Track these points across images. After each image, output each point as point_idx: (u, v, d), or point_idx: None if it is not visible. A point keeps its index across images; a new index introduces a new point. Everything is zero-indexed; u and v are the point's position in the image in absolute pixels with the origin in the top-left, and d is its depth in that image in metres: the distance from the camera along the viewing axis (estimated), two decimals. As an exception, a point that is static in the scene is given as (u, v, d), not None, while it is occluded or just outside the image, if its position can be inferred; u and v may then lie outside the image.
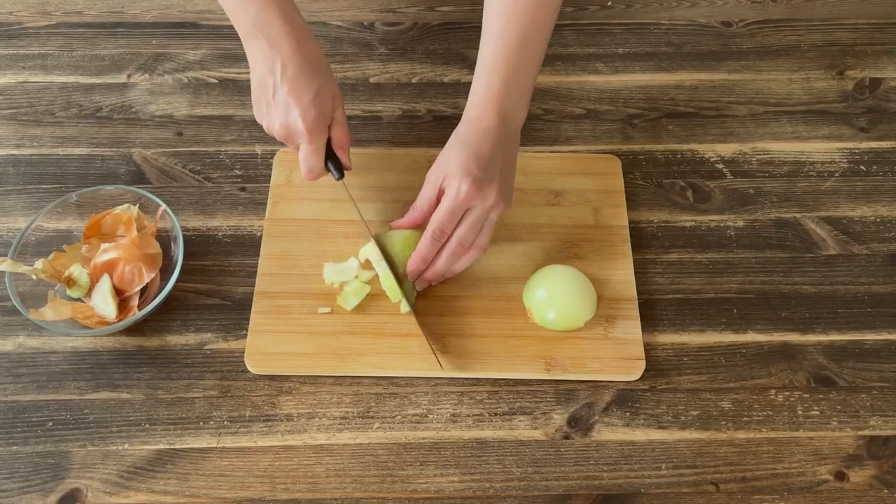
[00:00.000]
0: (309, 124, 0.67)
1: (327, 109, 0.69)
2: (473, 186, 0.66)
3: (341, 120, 0.72)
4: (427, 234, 0.68)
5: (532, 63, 0.71)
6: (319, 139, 0.69)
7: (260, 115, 0.71)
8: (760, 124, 0.88)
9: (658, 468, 0.67)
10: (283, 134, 0.69)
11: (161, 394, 0.70)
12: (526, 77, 0.70)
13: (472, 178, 0.66)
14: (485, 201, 0.67)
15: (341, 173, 0.73)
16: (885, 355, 0.73)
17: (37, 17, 0.96)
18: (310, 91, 0.67)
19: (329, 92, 0.69)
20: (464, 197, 0.66)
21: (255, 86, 0.70)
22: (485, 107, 0.69)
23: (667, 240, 0.79)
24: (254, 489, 0.65)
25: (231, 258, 0.77)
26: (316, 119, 0.68)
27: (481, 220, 0.68)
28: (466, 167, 0.66)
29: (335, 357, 0.70)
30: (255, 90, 0.70)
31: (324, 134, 0.70)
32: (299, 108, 0.67)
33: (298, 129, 0.68)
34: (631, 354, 0.71)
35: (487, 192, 0.67)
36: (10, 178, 0.82)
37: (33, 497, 0.65)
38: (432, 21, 0.98)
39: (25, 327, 0.73)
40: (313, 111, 0.67)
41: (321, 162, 0.71)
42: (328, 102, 0.69)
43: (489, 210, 0.68)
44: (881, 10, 0.99)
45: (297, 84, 0.67)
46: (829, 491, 0.66)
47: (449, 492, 0.65)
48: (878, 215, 0.82)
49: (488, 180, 0.67)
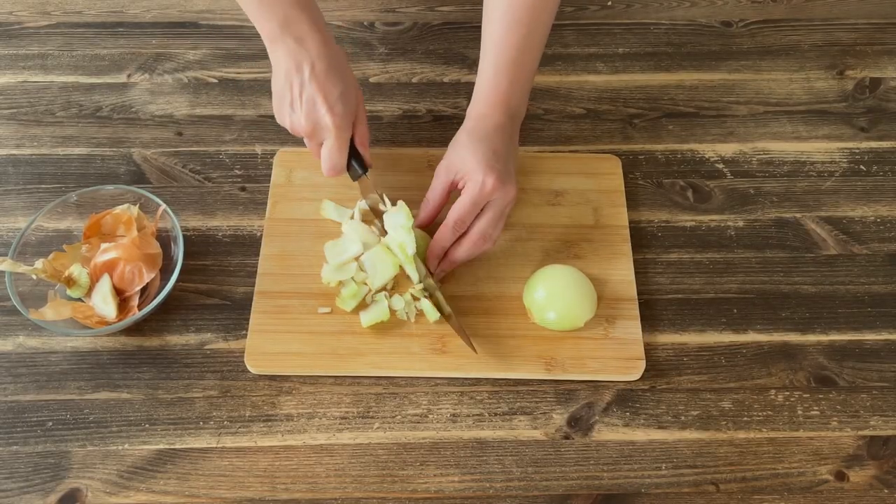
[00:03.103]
0: (337, 119, 0.69)
1: (352, 106, 0.71)
2: (498, 180, 0.68)
3: (363, 118, 0.74)
4: (448, 224, 0.70)
5: (533, 62, 0.73)
6: (345, 135, 0.71)
7: (282, 115, 0.72)
8: (760, 124, 0.88)
9: (658, 468, 0.67)
10: (309, 129, 0.70)
11: (161, 394, 0.70)
12: (528, 76, 0.74)
13: (496, 172, 0.68)
14: (506, 195, 0.69)
15: (364, 169, 0.74)
16: (885, 355, 0.73)
17: (37, 17, 0.96)
18: (337, 88, 0.69)
19: (354, 90, 0.72)
20: (489, 190, 0.68)
21: (280, 86, 0.71)
22: (493, 105, 0.72)
23: (667, 240, 0.79)
24: (254, 489, 0.65)
25: (231, 258, 0.77)
26: (343, 115, 0.69)
27: (502, 213, 0.70)
28: (488, 162, 0.68)
29: (335, 357, 0.70)
30: (280, 90, 0.71)
31: (349, 130, 0.71)
32: (327, 104, 0.69)
33: (326, 124, 0.69)
34: (631, 354, 0.71)
35: (508, 186, 0.69)
36: (10, 178, 0.82)
37: (33, 497, 0.65)
38: (432, 21, 0.98)
39: (25, 327, 0.73)
40: (341, 107, 0.69)
41: (345, 158, 0.72)
42: (353, 100, 0.71)
43: (509, 203, 0.70)
44: (881, 10, 0.99)
45: (325, 81, 0.69)
46: (830, 491, 0.66)
47: (449, 492, 0.65)
48: (878, 215, 0.82)
49: (507, 174, 0.69)
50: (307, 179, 0.81)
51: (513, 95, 0.72)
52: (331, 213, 0.78)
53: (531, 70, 0.73)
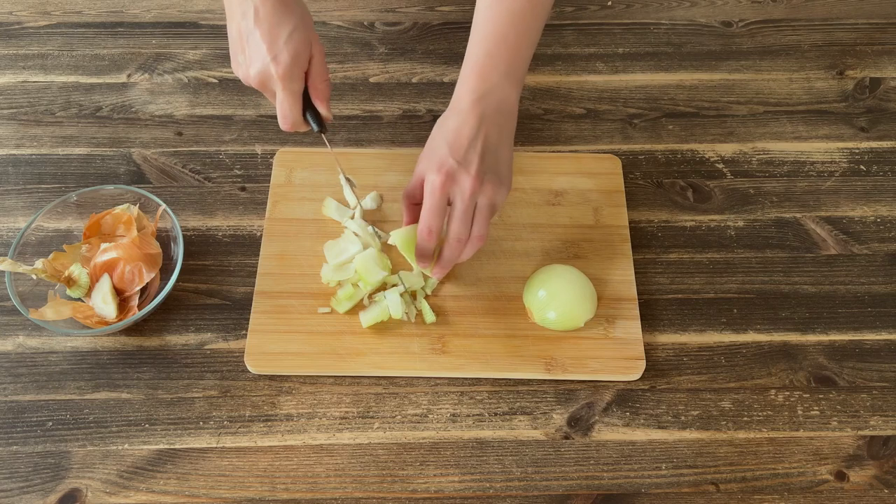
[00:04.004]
0: (282, 69, 0.64)
1: (303, 53, 0.66)
2: (446, 178, 0.64)
3: (320, 68, 0.68)
4: (419, 234, 0.67)
5: (523, 39, 0.67)
6: (295, 85, 0.66)
7: (236, 66, 0.68)
8: (760, 124, 0.88)
9: (658, 468, 0.67)
10: (258, 80, 0.66)
11: (161, 394, 0.70)
12: (516, 52, 0.67)
13: (444, 169, 0.64)
14: (462, 190, 0.64)
15: (322, 126, 0.69)
16: (885, 355, 0.73)
17: (37, 17, 0.96)
18: (283, 34, 0.64)
19: (304, 35, 0.66)
20: (438, 189, 0.64)
21: (231, 38, 0.68)
22: (467, 82, 0.67)
23: (667, 240, 0.79)
24: (254, 489, 0.65)
25: (231, 258, 0.77)
26: (290, 63, 0.65)
27: (469, 209, 0.65)
28: (440, 159, 0.64)
29: (335, 357, 0.70)
30: (232, 42, 0.68)
31: (299, 80, 0.66)
32: (272, 52, 0.64)
33: (271, 73, 0.65)
34: (631, 354, 0.71)
35: (461, 179, 0.64)
36: (10, 178, 0.82)
37: (33, 497, 0.65)
38: (432, 21, 0.98)
39: (25, 327, 0.73)
40: (286, 54, 0.64)
41: (298, 111, 0.68)
42: (304, 47, 0.66)
43: (470, 197, 0.64)
44: (881, 10, 0.99)
45: (269, 27, 0.64)
46: (829, 491, 0.66)
47: (449, 492, 0.65)
48: (878, 215, 0.82)
49: (463, 167, 0.64)
50: (307, 179, 0.81)
51: (493, 69, 0.66)
52: (332, 212, 0.78)
53: (520, 45, 0.67)
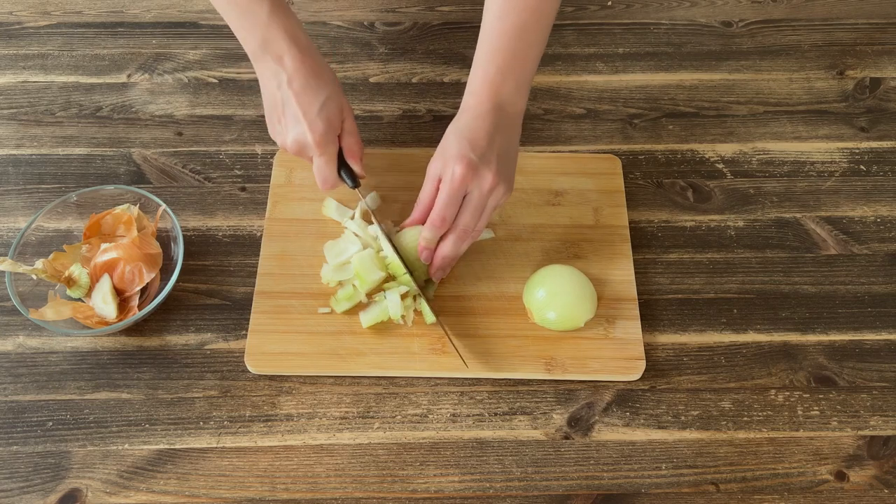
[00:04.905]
0: (318, 136, 0.69)
1: (335, 120, 0.71)
2: (469, 169, 0.66)
3: (351, 129, 0.73)
4: (428, 223, 0.68)
5: (531, 50, 0.70)
6: (329, 150, 0.71)
7: (274, 133, 0.73)
8: (760, 124, 0.88)
9: (658, 468, 0.67)
10: (295, 148, 0.71)
11: (161, 394, 0.70)
12: (524, 64, 0.70)
13: (466, 161, 0.66)
14: (482, 184, 0.67)
15: (356, 182, 0.74)
16: (885, 355, 0.73)
17: (37, 17, 0.96)
18: (316, 103, 0.69)
19: (336, 103, 0.71)
20: (459, 180, 0.66)
21: (267, 105, 0.72)
22: (480, 94, 0.70)
23: (667, 240, 0.79)
24: (254, 489, 0.65)
25: (231, 258, 0.77)
26: (324, 131, 0.69)
27: (481, 204, 0.68)
28: (461, 152, 0.67)
29: (335, 357, 0.70)
30: (268, 109, 0.72)
31: (334, 145, 0.71)
32: (307, 121, 0.68)
33: (308, 142, 0.69)
34: (631, 354, 0.71)
35: (483, 174, 0.67)
36: (10, 178, 0.82)
37: (33, 497, 0.65)
38: (432, 21, 0.98)
39: (25, 327, 0.73)
40: (320, 123, 0.69)
41: (334, 172, 0.72)
42: (336, 113, 0.71)
43: (488, 193, 0.68)
44: (881, 10, 0.99)
45: (303, 97, 0.69)
46: (829, 491, 0.66)
47: (449, 492, 0.65)
48: (878, 215, 0.82)
49: (484, 163, 0.67)
50: (307, 179, 0.81)
51: (503, 84, 0.69)
52: (332, 213, 0.78)
53: (528, 59, 0.70)
